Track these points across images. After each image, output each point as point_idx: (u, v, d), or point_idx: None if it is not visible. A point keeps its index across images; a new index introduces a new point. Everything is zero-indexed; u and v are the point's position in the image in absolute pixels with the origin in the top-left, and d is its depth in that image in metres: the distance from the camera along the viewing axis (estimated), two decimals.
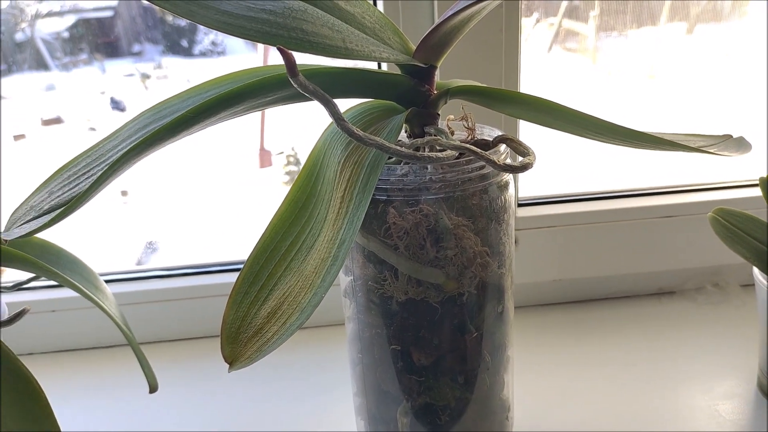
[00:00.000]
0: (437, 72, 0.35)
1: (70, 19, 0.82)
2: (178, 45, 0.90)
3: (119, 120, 0.35)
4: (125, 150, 0.28)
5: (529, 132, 0.54)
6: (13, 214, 0.32)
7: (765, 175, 0.45)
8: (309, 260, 0.31)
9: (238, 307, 0.31)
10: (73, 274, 0.42)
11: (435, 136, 0.34)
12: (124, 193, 0.93)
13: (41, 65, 0.82)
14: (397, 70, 0.35)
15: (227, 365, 0.29)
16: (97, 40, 0.83)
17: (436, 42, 0.33)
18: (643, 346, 0.56)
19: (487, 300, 0.36)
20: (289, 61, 0.27)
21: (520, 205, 0.59)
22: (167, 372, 0.56)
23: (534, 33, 0.76)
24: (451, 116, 0.39)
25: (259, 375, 0.55)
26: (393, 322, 0.35)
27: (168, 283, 0.60)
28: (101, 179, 0.28)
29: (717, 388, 0.50)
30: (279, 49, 0.27)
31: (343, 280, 0.38)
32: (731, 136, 0.40)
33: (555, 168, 0.69)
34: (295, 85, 0.28)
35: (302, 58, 0.36)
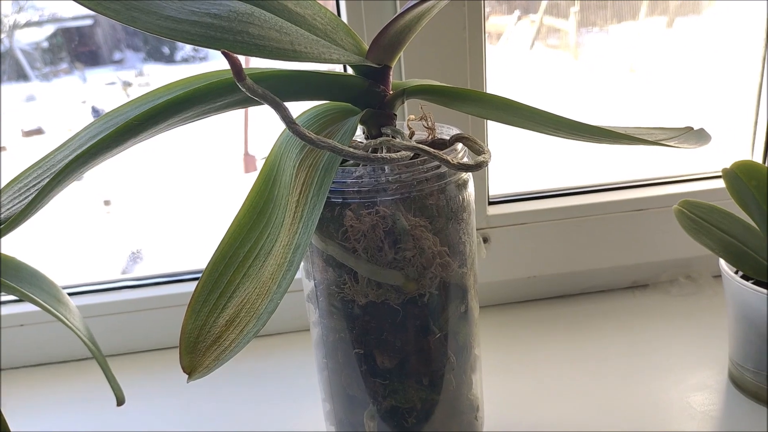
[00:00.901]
0: (395, 72, 0.35)
1: (50, 29, 0.81)
2: (159, 52, 0.89)
3: None
4: (69, 160, 0.28)
5: (497, 130, 0.54)
6: None
7: (728, 166, 0.45)
8: (266, 266, 0.31)
9: (197, 316, 0.30)
10: (34, 288, 0.41)
11: (391, 136, 0.34)
12: (107, 203, 0.92)
13: (21, 76, 0.81)
14: (352, 72, 0.35)
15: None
16: (78, 49, 0.82)
17: (388, 42, 0.32)
18: (616, 340, 0.56)
19: (449, 300, 0.36)
20: (235, 66, 0.27)
21: (491, 203, 0.59)
22: (138, 384, 0.55)
23: (515, 30, 0.76)
24: (412, 116, 0.39)
25: (229, 383, 0.54)
26: (355, 325, 0.35)
27: (138, 293, 0.59)
28: (45, 191, 0.27)
29: (689, 380, 0.50)
30: (223, 52, 0.27)
31: (306, 284, 0.38)
32: (692, 129, 0.40)
33: (525, 164, 0.69)
34: (243, 89, 0.28)
35: (257, 62, 0.35)
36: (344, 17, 0.51)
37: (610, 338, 0.56)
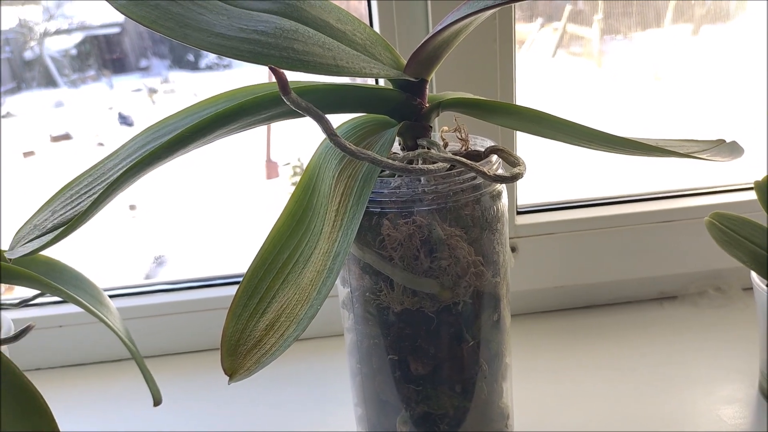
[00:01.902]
0: (430, 85, 0.36)
1: (78, 37, 0.83)
2: (184, 59, 0.91)
3: (127, 135, 0.36)
4: (124, 170, 0.29)
5: (526, 141, 0.55)
6: (17, 233, 0.33)
7: (761, 179, 0.45)
8: (305, 273, 0.32)
9: (238, 320, 0.31)
10: (77, 290, 0.42)
11: (427, 148, 0.35)
12: (132, 207, 0.94)
13: (50, 82, 0.84)
14: (390, 85, 0.36)
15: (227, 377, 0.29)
16: (105, 56, 0.84)
17: (426, 57, 0.33)
18: (644, 351, 0.56)
19: (482, 309, 0.36)
20: (281, 80, 0.28)
21: (519, 213, 0.60)
22: (173, 385, 0.56)
23: (538, 38, 0.76)
24: (446, 127, 0.39)
25: (264, 386, 0.55)
26: (390, 332, 0.36)
27: (173, 297, 0.61)
28: (100, 199, 0.28)
29: (719, 392, 0.50)
30: (270, 68, 0.28)
31: (341, 291, 0.39)
32: (724, 141, 0.40)
33: (555, 175, 0.69)
34: (288, 103, 0.29)
35: (297, 76, 0.36)
36: (377, 30, 0.52)
37: (639, 349, 0.56)
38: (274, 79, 0.29)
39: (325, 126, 0.30)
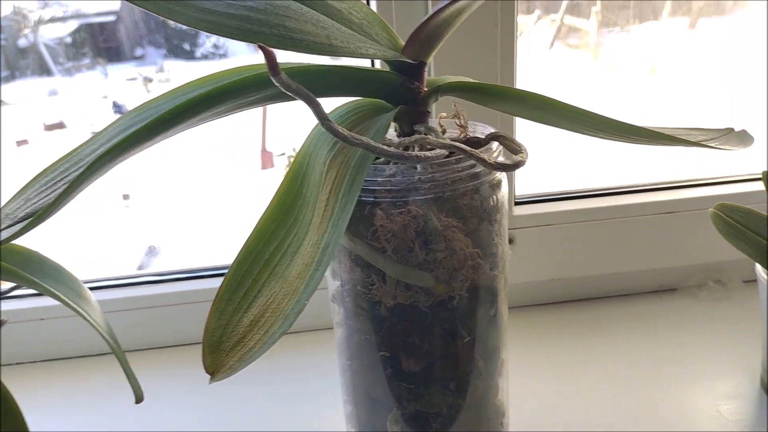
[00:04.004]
0: (429, 68, 0.34)
1: (73, 25, 0.81)
2: (180, 48, 0.90)
3: None
4: (100, 154, 0.27)
5: (526, 128, 0.53)
6: None
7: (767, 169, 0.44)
8: (293, 265, 0.30)
9: (221, 315, 0.30)
10: (56, 283, 0.40)
11: (424, 134, 0.33)
12: (125, 197, 0.92)
13: (44, 71, 0.82)
14: (387, 67, 0.34)
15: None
16: (100, 44, 0.83)
17: (426, 37, 0.31)
18: (643, 344, 0.55)
19: (479, 303, 0.35)
20: (271, 59, 0.26)
21: (516, 203, 0.58)
22: (156, 380, 0.54)
23: (536, 30, 0.75)
24: (444, 113, 0.38)
25: (248, 381, 0.54)
26: (382, 327, 0.34)
27: (161, 289, 0.59)
28: (73, 186, 0.27)
29: (719, 387, 0.49)
30: (259, 46, 0.26)
31: (331, 284, 0.37)
32: (733, 130, 0.39)
33: (553, 164, 0.68)
34: (277, 84, 0.27)
35: (289, 56, 0.35)
36: (374, 9, 0.50)
37: (637, 342, 0.55)
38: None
39: (317, 109, 0.28)
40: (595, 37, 0.73)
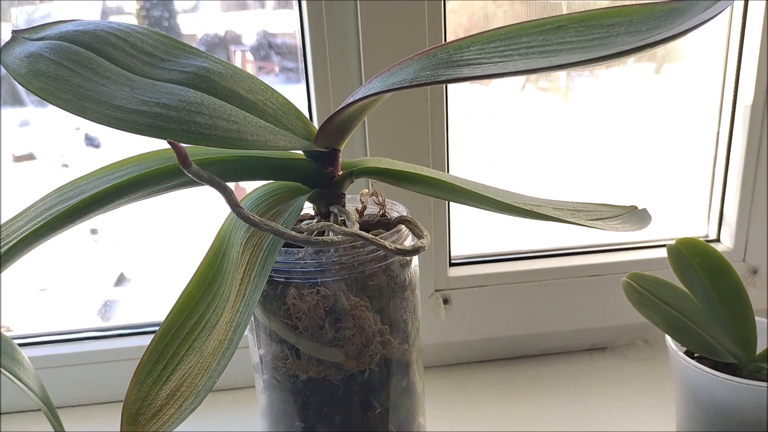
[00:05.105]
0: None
1: None
2: None
3: (93, 156, 0.35)
4: (15, 241, 0.29)
5: None
6: None
7: (673, 242, 0.47)
8: (210, 341, 0.31)
9: (140, 387, 0.31)
10: None
11: (337, 216, 0.35)
12: (93, 232, 0.91)
13: (16, 101, 0.82)
14: (302, 154, 0.36)
15: None
16: None
17: (335, 129, 0.34)
18: (573, 403, 0.56)
19: (390, 376, 0.36)
20: (181, 154, 0.28)
21: (452, 265, 0.60)
22: None
23: None
24: (365, 190, 0.40)
25: None
26: (297, 399, 0.36)
27: (102, 345, 0.59)
28: None
29: None
30: (169, 142, 0.28)
31: (254, 354, 0.39)
32: (636, 208, 0.41)
33: (489, 225, 0.70)
34: (189, 175, 0.29)
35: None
36: (312, 88, 0.53)
37: (567, 400, 0.57)
38: None
39: (228, 197, 0.30)
40: (566, 81, 0.77)
